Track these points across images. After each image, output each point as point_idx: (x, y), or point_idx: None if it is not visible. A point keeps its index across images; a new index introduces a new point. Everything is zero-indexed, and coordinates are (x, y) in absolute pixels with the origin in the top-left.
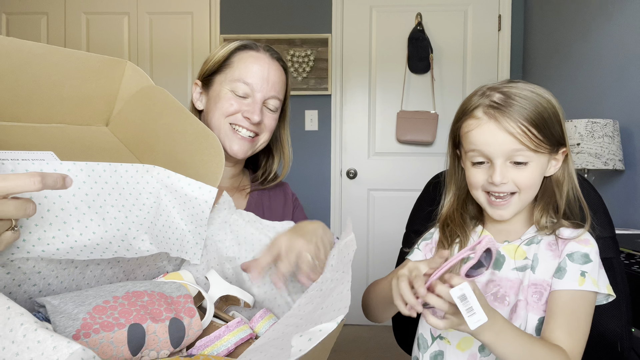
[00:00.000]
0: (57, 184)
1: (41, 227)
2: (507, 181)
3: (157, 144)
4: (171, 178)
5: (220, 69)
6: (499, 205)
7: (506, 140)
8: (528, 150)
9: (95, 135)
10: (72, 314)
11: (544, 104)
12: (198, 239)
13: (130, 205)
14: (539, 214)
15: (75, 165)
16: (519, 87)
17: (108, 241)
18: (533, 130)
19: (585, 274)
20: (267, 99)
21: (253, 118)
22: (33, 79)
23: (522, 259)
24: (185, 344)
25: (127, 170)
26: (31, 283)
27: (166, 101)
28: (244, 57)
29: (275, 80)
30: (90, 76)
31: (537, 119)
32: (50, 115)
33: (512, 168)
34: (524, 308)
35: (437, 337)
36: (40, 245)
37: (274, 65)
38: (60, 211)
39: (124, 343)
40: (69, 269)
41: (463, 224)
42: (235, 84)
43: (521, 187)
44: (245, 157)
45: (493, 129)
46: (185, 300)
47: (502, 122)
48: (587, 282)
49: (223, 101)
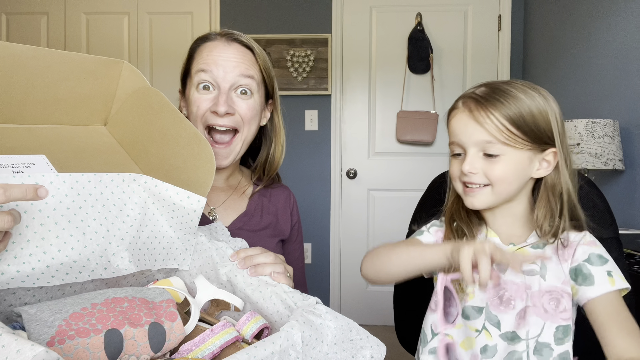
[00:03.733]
0: (27, 195)
1: (18, 244)
2: (476, 171)
3: (151, 146)
4: (159, 187)
5: (187, 71)
6: (469, 192)
7: (476, 130)
8: (499, 142)
9: (91, 136)
10: (48, 322)
11: (528, 101)
12: (187, 245)
13: (114, 218)
14: (541, 218)
15: (58, 177)
16: (511, 84)
17: (86, 258)
18: (506, 124)
19: (611, 274)
20: (236, 86)
21: (219, 110)
22: (27, 81)
23: (529, 262)
24: (167, 349)
25: (112, 180)
26: (7, 304)
27: (161, 103)
28: (200, 50)
29: (236, 63)
30: (87, 77)
31: (514, 114)
32: (46, 117)
33: (483, 159)
34: (535, 315)
35: (436, 333)
36: (15, 264)
37: (232, 48)
38: (40, 227)
39: (100, 349)
40: (46, 287)
41: (469, 222)
42: (195, 78)
43: (492, 179)
44: (231, 163)
45: (465, 118)
46: (168, 305)
47: (475, 112)
48: (617, 280)
49: (192, 105)
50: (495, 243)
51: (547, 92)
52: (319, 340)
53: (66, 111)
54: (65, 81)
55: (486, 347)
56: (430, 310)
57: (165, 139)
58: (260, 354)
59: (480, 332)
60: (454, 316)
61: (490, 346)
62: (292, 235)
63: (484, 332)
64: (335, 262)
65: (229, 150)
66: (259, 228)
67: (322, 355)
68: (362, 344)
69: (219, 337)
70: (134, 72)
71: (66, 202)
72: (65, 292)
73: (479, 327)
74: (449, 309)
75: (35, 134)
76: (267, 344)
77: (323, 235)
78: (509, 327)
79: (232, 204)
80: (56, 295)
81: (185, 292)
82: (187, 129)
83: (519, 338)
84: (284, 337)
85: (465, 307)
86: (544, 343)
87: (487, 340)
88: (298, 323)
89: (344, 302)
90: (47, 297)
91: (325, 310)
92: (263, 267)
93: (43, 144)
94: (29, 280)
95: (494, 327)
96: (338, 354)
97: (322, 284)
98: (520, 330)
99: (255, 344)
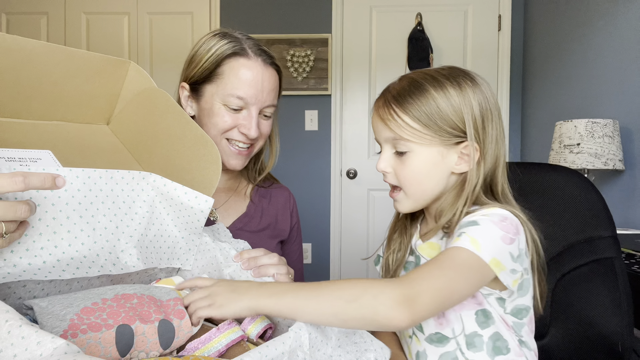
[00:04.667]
0: (46, 184)
1: (30, 237)
2: (389, 170)
3: (156, 147)
4: (167, 186)
5: (209, 78)
6: (392, 196)
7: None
8: (403, 139)
9: (94, 134)
10: (60, 315)
11: (439, 97)
12: (191, 245)
13: (123, 215)
14: (440, 210)
15: (71, 171)
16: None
17: (95, 253)
18: (408, 120)
19: (462, 234)
20: (263, 109)
21: (250, 134)
22: (34, 77)
23: (437, 250)
24: (175, 346)
25: (123, 177)
26: (16, 297)
27: (167, 104)
28: (234, 67)
29: (270, 88)
30: (93, 75)
31: (417, 112)
32: (51, 113)
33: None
34: (452, 311)
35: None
36: (27, 257)
37: (267, 73)
38: (52, 220)
39: (112, 344)
40: (55, 281)
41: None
42: (228, 98)
43: (401, 182)
44: (242, 167)
45: (375, 116)
46: (175, 303)
47: (380, 110)
48: (464, 240)
49: (217, 117)
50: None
51: (472, 80)
52: (324, 342)
53: (71, 108)
54: (72, 78)
55: (418, 353)
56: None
57: (170, 140)
58: (271, 354)
59: (411, 338)
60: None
61: (421, 352)
62: (292, 236)
63: (414, 338)
64: (335, 262)
65: (248, 154)
66: (259, 229)
67: (326, 357)
68: (366, 347)
69: (225, 335)
70: (140, 72)
71: (78, 197)
72: (73, 287)
73: (410, 333)
74: None
75: (40, 129)
76: (277, 343)
77: (323, 235)
78: (432, 329)
79: (233, 204)
80: (64, 290)
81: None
82: (193, 131)
83: (446, 338)
84: (292, 337)
85: None
86: (472, 333)
87: (418, 346)
88: (305, 324)
89: None
90: (56, 292)
91: None
92: (266, 268)
93: (48, 140)
94: (41, 274)
95: (418, 330)
96: (342, 356)
97: None
98: (444, 330)
99: (266, 343)
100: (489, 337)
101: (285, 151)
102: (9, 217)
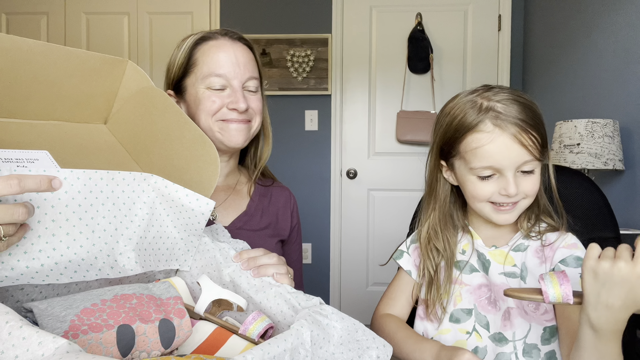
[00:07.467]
0: (42, 186)
1: (29, 239)
2: (519, 191)
3: (154, 146)
4: (169, 188)
5: (186, 71)
6: (506, 210)
7: (520, 152)
8: (535, 160)
9: (92, 133)
10: (60, 317)
11: (537, 110)
12: (190, 246)
13: (122, 216)
14: (522, 218)
15: (72, 173)
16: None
17: (94, 256)
18: (538, 138)
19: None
20: (244, 83)
21: (239, 106)
22: (32, 76)
23: (510, 265)
24: (176, 345)
25: (124, 179)
26: (14, 300)
27: (166, 104)
28: (205, 50)
29: (245, 61)
30: (91, 74)
31: (544, 131)
32: (49, 112)
33: (521, 177)
34: (519, 316)
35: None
36: (25, 260)
37: (238, 47)
38: (51, 222)
39: (113, 344)
40: (53, 284)
41: (448, 239)
42: (208, 79)
43: (529, 194)
44: (245, 143)
45: (508, 142)
46: (175, 302)
47: (518, 136)
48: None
49: (204, 101)
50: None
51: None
52: (326, 340)
53: (69, 108)
54: (70, 78)
55: (477, 348)
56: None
57: (168, 139)
58: (274, 351)
59: (470, 334)
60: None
61: (480, 348)
62: (292, 236)
63: (474, 334)
64: (335, 262)
65: (248, 126)
66: (259, 228)
67: (328, 354)
68: (369, 345)
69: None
70: (138, 71)
71: (78, 198)
72: (71, 289)
73: (469, 329)
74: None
75: (38, 129)
76: (279, 341)
77: (323, 235)
78: (497, 329)
79: (232, 203)
80: (62, 292)
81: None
82: (191, 130)
83: (505, 340)
84: (294, 335)
85: (454, 310)
86: (532, 344)
87: (478, 342)
88: (307, 322)
89: (344, 302)
90: (54, 294)
91: (331, 310)
92: (266, 268)
93: (45, 140)
94: (39, 277)
95: (483, 328)
96: (344, 354)
97: (322, 284)
98: (506, 332)
99: (268, 340)
100: (544, 354)
101: (285, 151)
102: (6, 220)
